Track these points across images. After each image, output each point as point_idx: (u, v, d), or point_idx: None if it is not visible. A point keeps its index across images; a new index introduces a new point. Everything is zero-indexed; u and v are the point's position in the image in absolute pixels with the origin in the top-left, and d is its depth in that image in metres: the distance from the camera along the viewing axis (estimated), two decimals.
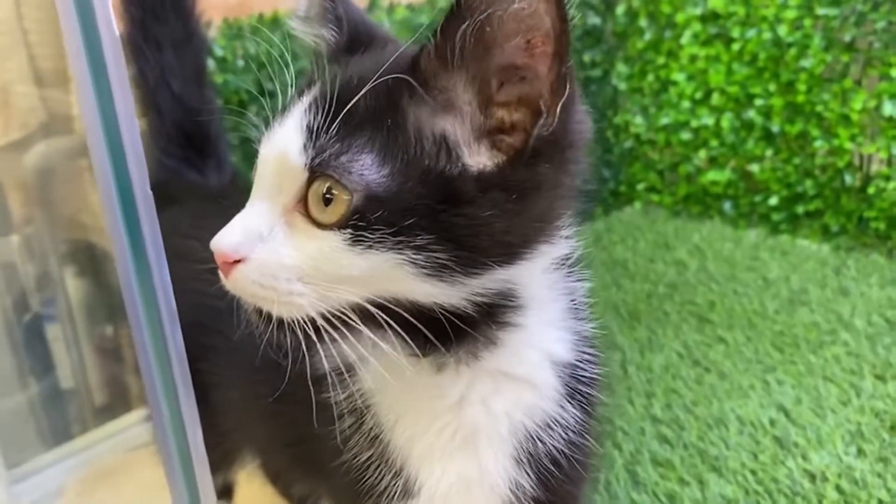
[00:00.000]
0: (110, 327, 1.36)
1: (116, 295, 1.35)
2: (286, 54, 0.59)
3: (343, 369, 0.62)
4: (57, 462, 1.21)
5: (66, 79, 1.29)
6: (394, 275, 0.51)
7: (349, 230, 0.50)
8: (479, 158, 0.52)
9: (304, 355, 0.63)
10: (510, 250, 0.54)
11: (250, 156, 1.33)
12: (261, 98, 0.61)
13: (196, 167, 1.00)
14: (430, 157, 0.51)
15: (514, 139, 0.52)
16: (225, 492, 1.02)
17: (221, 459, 0.83)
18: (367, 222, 0.50)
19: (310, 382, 0.64)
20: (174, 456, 0.60)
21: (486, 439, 0.62)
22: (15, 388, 1.25)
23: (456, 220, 0.51)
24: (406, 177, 0.50)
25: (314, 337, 0.53)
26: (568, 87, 0.50)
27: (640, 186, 2.18)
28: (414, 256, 0.50)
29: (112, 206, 0.46)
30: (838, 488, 1.08)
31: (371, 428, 0.64)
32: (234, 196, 0.64)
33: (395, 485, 0.64)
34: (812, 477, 1.11)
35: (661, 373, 1.39)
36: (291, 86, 0.58)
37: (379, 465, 0.64)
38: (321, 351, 0.61)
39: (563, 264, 0.61)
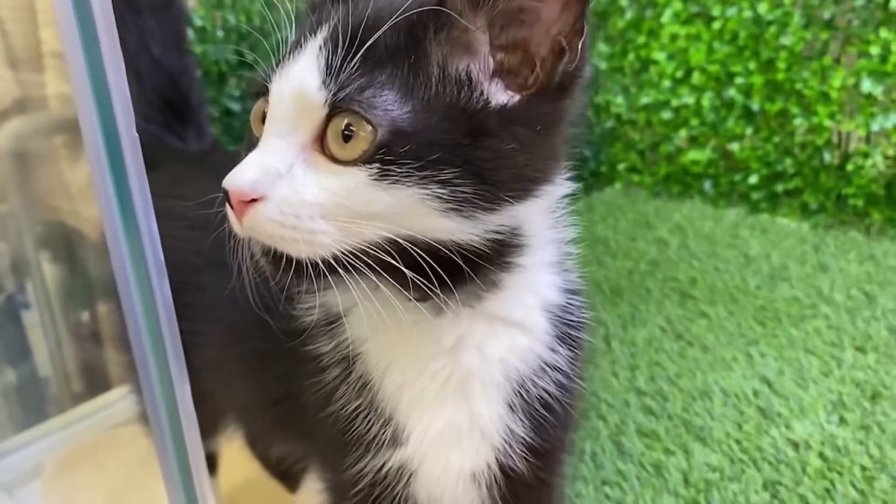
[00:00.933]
0: (87, 313, 1.33)
1: (93, 280, 1.32)
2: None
3: (331, 319, 0.62)
4: (34, 441, 1.19)
5: (39, 56, 1.26)
6: (417, 210, 0.51)
7: (376, 165, 0.50)
8: (496, 96, 0.53)
9: (289, 308, 0.62)
10: (525, 185, 0.55)
11: (231, 128, 1.31)
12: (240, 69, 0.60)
13: (177, 134, 0.98)
14: (453, 94, 0.51)
15: (521, 79, 0.53)
16: (209, 465, 1.00)
17: (205, 424, 0.82)
18: (395, 156, 0.50)
19: (294, 335, 0.63)
20: (164, 420, 0.59)
21: (481, 385, 0.62)
22: None
23: (479, 153, 0.51)
24: (431, 112, 0.51)
25: (325, 278, 0.53)
26: (585, 28, 0.51)
27: (621, 167, 2.18)
28: (438, 191, 0.50)
29: (97, 149, 0.45)
30: (821, 455, 1.09)
31: (360, 377, 0.63)
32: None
33: (383, 433, 0.63)
34: (795, 445, 1.12)
35: (645, 346, 1.40)
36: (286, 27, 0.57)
37: (367, 414, 0.63)
38: (311, 301, 0.60)
39: (557, 207, 0.62)
